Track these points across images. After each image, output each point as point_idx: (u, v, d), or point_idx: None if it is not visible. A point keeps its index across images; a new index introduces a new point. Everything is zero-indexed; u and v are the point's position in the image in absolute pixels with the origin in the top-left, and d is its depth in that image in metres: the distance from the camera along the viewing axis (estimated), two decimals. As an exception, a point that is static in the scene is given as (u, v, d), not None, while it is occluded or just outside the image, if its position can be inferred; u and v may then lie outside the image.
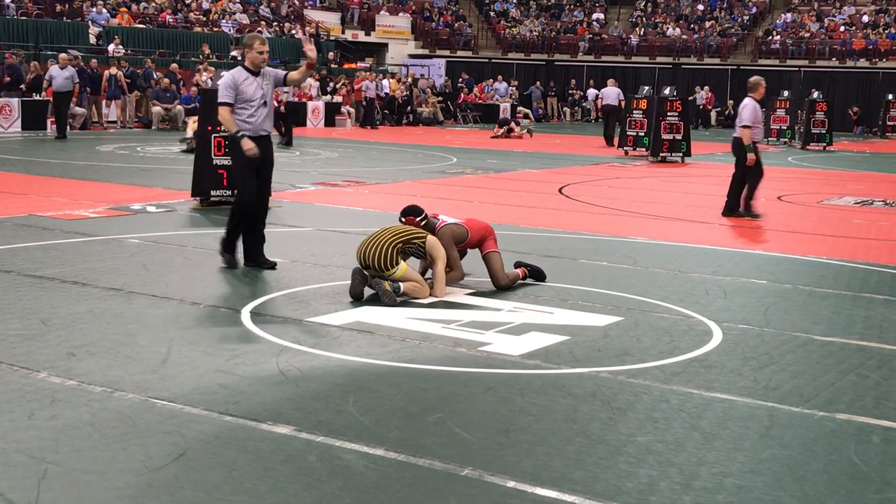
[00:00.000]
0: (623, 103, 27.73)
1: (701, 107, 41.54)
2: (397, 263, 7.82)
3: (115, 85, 28.16)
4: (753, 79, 14.23)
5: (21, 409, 5.09)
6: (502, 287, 8.36)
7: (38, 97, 26.43)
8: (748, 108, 13.71)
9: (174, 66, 30.45)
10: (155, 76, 29.03)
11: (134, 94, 28.89)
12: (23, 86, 26.27)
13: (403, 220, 8.33)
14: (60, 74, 23.77)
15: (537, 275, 8.74)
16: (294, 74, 9.15)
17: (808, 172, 22.44)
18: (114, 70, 28.21)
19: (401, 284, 7.81)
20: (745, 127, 13.65)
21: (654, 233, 12.02)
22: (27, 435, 4.72)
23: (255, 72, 8.82)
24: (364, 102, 33.69)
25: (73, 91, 24.50)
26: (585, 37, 48.45)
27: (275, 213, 12.64)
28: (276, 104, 30.98)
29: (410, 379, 5.88)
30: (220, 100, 8.77)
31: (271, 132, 9.11)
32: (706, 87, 42.65)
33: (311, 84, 34.08)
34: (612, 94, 28.89)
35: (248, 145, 8.59)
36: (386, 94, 36.24)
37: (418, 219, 8.32)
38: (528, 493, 4.27)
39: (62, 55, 24.97)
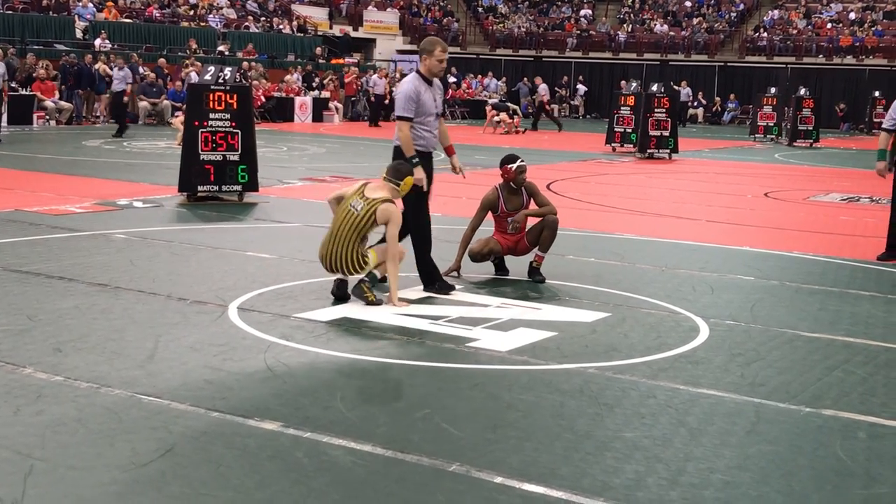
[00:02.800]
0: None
1: (686, 103, 41.47)
2: (365, 262, 7.60)
3: (99, 79, 28.05)
4: None
5: (7, 404, 5.06)
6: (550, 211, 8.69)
7: (24, 92, 26.30)
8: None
9: (161, 60, 30.35)
10: (141, 71, 28.92)
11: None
12: (14, 83, 26.14)
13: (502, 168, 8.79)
14: (118, 75, 24.17)
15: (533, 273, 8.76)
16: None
17: (795, 169, 22.52)
18: (98, 65, 28.10)
19: (376, 273, 7.75)
20: (886, 130, 10.75)
21: (642, 229, 12.04)
22: (13, 431, 4.70)
23: (430, 81, 8.06)
24: (372, 99, 33.47)
25: (126, 91, 24.65)
26: (573, 33, 48.49)
27: (262, 208, 12.62)
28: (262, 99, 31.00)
29: (398, 375, 5.87)
30: (400, 114, 7.92)
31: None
32: (683, 82, 41.97)
33: (297, 79, 34.01)
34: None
35: (419, 174, 7.80)
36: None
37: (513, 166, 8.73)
38: (515, 488, 4.27)
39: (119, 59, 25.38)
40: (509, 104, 34.20)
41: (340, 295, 7.68)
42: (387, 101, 33.95)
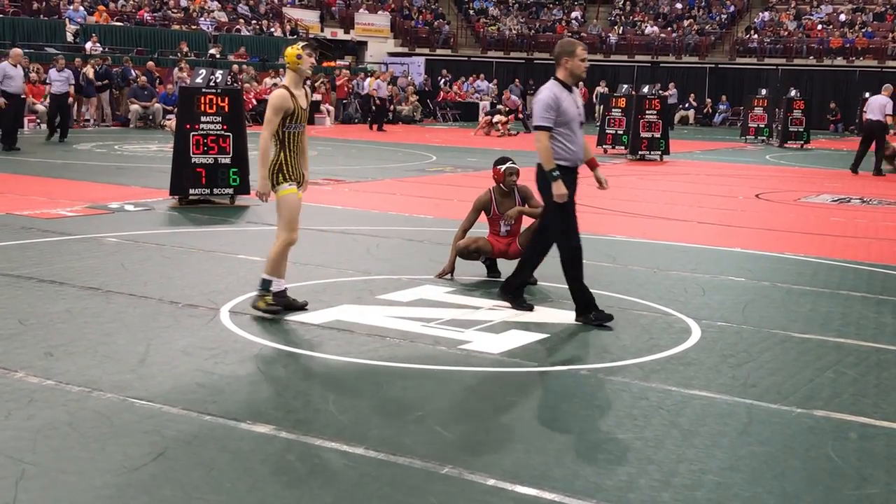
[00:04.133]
0: (891, 119, 21.13)
1: (675, 105, 41.40)
2: (277, 182, 7.21)
3: (87, 83, 27.96)
4: None
5: (-2, 409, 5.05)
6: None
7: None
8: None
9: (150, 64, 30.28)
10: (132, 74, 28.86)
11: (105, 92, 28.67)
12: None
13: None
14: (58, 77, 23.65)
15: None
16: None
17: (786, 170, 22.56)
18: (86, 68, 28.02)
19: (267, 277, 7.23)
20: None
21: (634, 231, 12.05)
22: (4, 435, 4.69)
23: (570, 87, 7.31)
24: (378, 102, 33.32)
25: (70, 93, 24.21)
26: (564, 35, 48.54)
27: (254, 211, 12.61)
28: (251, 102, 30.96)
29: (390, 377, 5.87)
30: (539, 123, 7.18)
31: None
32: (670, 84, 41.67)
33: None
34: (876, 105, 21.58)
35: (560, 190, 7.09)
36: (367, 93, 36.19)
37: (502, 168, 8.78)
38: (507, 490, 4.27)
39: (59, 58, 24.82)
40: (501, 107, 34.22)
41: (285, 305, 7.28)
42: (391, 107, 33.92)
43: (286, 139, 7.18)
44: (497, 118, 31.67)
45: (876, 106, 21.40)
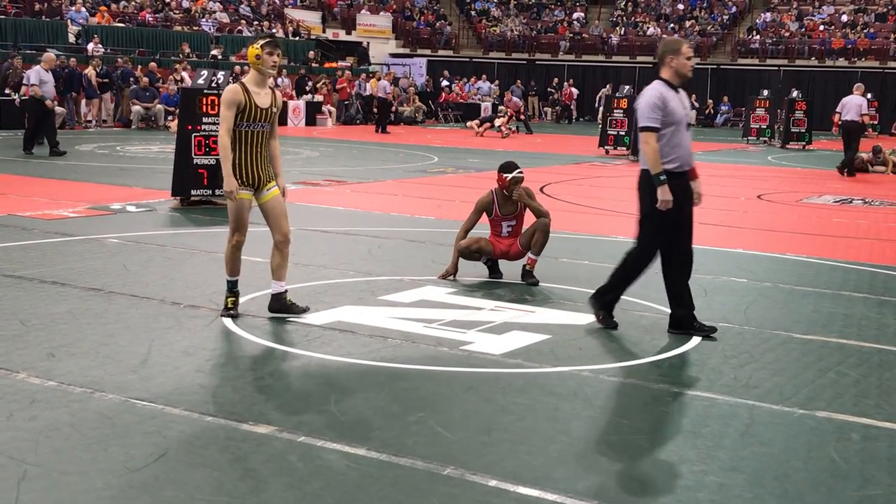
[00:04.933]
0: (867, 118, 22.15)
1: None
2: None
3: (87, 84, 27.96)
4: None
5: (0, 410, 5.05)
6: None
7: (16, 96, 26.19)
8: None
9: (152, 64, 30.29)
10: (134, 75, 28.85)
11: (108, 93, 28.67)
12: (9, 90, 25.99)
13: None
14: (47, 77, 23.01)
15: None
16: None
17: (788, 171, 22.55)
18: (89, 69, 28.02)
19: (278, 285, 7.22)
20: None
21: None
22: (6, 436, 4.69)
23: (676, 87, 7.00)
24: (376, 104, 33.25)
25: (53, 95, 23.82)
26: (566, 36, 48.54)
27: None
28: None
29: (392, 378, 5.87)
30: (645, 124, 6.84)
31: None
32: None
33: (289, 84, 34.01)
34: (853, 105, 21.50)
35: (665, 196, 6.81)
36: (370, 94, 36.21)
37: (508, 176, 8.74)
38: (510, 492, 4.27)
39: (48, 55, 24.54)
40: (502, 107, 34.23)
41: (284, 308, 7.21)
42: (393, 108, 33.87)
43: (240, 138, 6.96)
44: (498, 121, 31.67)
45: (852, 106, 21.28)
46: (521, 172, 8.83)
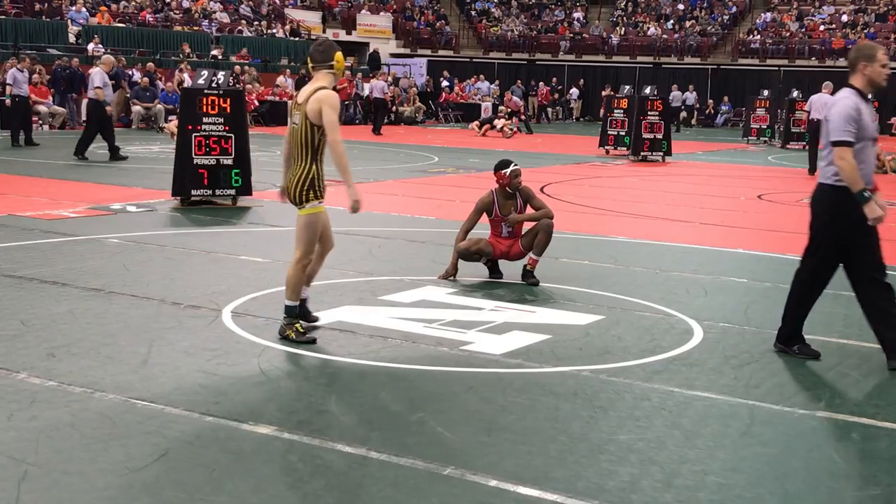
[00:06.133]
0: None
1: (679, 108, 41.22)
2: (307, 197, 6.49)
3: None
4: None
5: (0, 410, 5.05)
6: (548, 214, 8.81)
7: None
8: None
9: (150, 65, 30.27)
10: (127, 75, 28.76)
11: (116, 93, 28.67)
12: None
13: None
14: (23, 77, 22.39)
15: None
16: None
17: (789, 171, 22.55)
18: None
19: (290, 303, 6.64)
20: None
21: (636, 232, 12.04)
22: (7, 436, 4.69)
23: (866, 96, 6.41)
24: (371, 104, 33.09)
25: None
26: (566, 36, 48.55)
27: (256, 212, 12.61)
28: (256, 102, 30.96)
29: (392, 378, 5.87)
30: (840, 138, 6.20)
31: None
32: (674, 86, 41.53)
33: (289, 83, 34.01)
34: (820, 104, 20.36)
35: (875, 213, 6.13)
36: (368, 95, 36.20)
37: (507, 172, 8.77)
38: (510, 491, 4.27)
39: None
40: (501, 108, 34.25)
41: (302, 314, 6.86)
42: (393, 108, 33.82)
43: (322, 149, 6.46)
44: (500, 122, 31.68)
45: (819, 105, 21.03)
46: (517, 166, 8.85)
